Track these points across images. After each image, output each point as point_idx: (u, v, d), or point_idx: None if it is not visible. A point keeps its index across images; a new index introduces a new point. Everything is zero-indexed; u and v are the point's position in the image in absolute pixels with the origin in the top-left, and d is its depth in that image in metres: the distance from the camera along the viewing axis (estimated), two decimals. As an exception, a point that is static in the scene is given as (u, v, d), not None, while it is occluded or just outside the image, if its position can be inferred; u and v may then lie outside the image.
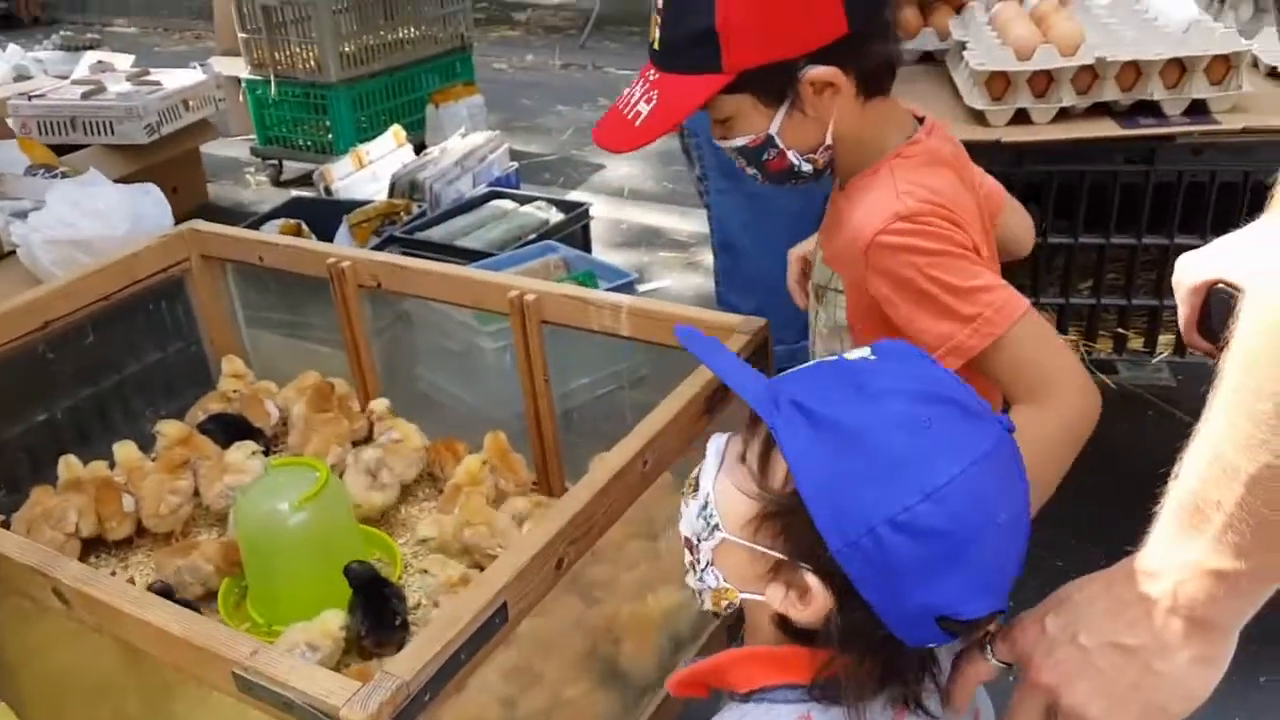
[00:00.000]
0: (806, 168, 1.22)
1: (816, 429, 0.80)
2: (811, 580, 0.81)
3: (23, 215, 2.12)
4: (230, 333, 2.15)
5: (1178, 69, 1.81)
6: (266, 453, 1.90)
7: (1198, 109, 1.82)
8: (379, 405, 1.90)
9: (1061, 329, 1.98)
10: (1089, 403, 1.14)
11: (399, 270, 1.84)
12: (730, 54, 1.12)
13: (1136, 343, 1.98)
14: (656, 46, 1.18)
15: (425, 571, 1.61)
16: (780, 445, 0.81)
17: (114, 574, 1.76)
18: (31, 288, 1.91)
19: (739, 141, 1.21)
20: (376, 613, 1.54)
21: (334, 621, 1.44)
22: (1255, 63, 2.00)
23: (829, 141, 1.20)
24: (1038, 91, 1.86)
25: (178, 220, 4.62)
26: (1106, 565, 0.88)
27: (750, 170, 1.25)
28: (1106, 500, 2.93)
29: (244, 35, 4.89)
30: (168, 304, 2.05)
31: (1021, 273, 1.99)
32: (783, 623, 0.85)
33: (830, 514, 0.78)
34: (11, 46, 5.70)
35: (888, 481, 0.77)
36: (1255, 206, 1.81)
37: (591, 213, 3.67)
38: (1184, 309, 0.98)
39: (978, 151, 1.84)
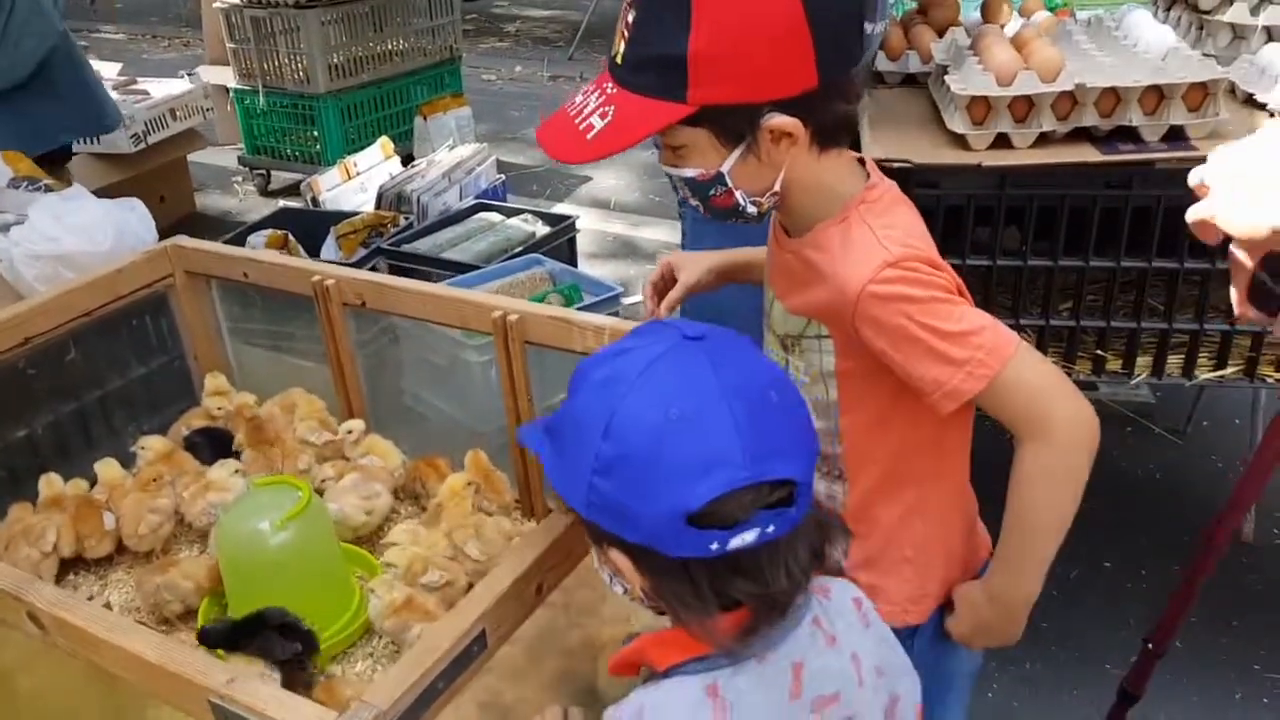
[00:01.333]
0: (751, 209, 1.22)
1: (549, 434, 0.98)
2: (613, 554, 0.95)
3: (5, 229, 2.12)
4: (215, 348, 2.15)
5: (1156, 95, 1.83)
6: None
7: (1176, 135, 1.83)
8: (355, 427, 1.90)
9: (1041, 350, 1.99)
10: (1085, 432, 1.16)
11: (384, 289, 1.84)
12: (696, 87, 1.10)
13: (1115, 364, 2.00)
14: (619, 61, 1.16)
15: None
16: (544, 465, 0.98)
17: (92, 595, 1.75)
18: (13, 303, 1.91)
19: (688, 173, 1.20)
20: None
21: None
22: (1233, 89, 2.03)
23: (777, 188, 1.20)
24: (1018, 116, 1.87)
25: (166, 229, 4.64)
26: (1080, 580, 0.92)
27: (693, 200, 1.24)
28: (1082, 515, 2.96)
29: (232, 45, 4.90)
30: (151, 320, 2.05)
31: (1002, 294, 2.01)
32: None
33: (567, 490, 0.94)
34: (-2, 53, 5.66)
35: (580, 441, 0.92)
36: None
37: (578, 225, 3.69)
38: (1240, 276, 0.96)
39: (958, 175, 1.87)
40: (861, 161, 1.27)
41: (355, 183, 4.28)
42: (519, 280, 3.09)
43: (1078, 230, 1.90)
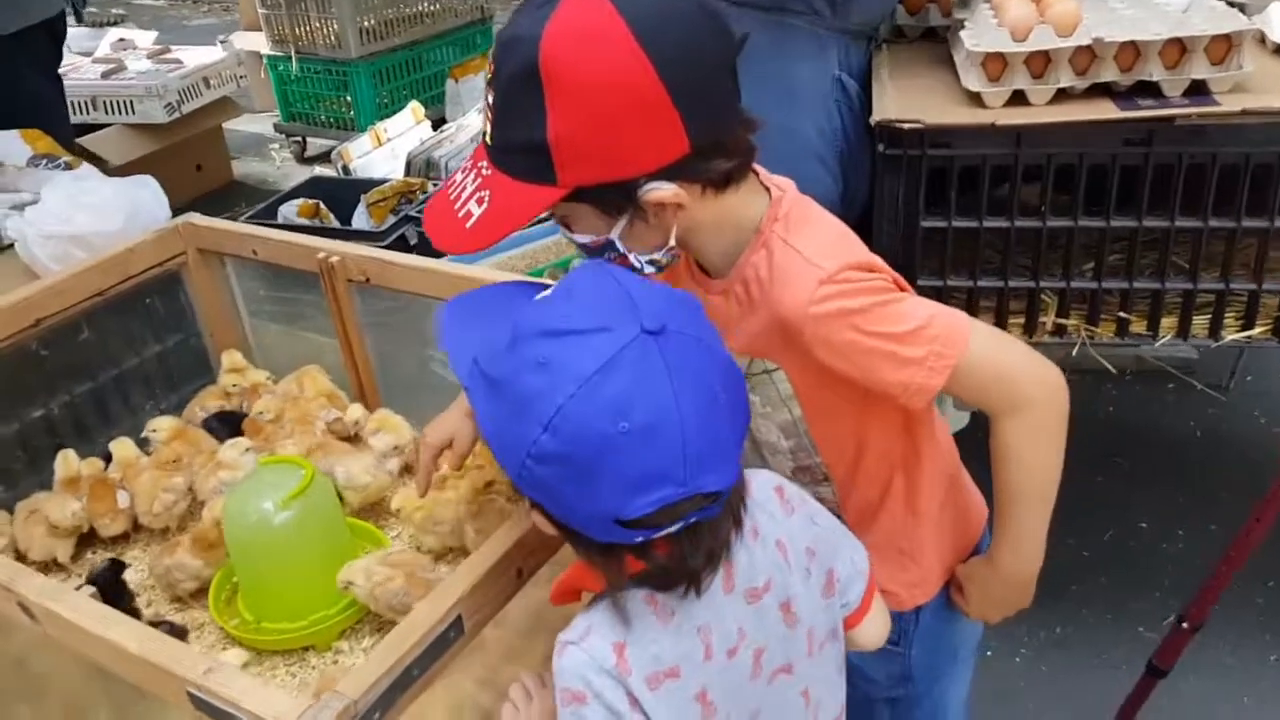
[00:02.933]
0: (649, 269, 1.18)
1: (489, 386, 0.94)
2: (535, 513, 0.98)
3: (21, 209, 2.14)
4: (231, 326, 2.16)
5: (1178, 49, 1.75)
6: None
7: (1198, 90, 1.76)
8: (358, 415, 1.90)
9: (1063, 313, 1.94)
10: (1056, 394, 1.16)
11: (386, 265, 1.83)
12: (564, 171, 1.06)
13: (1139, 326, 1.94)
14: (489, 142, 1.11)
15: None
16: (473, 407, 0.97)
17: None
18: (28, 283, 1.93)
19: (580, 239, 1.16)
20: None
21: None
22: (1262, 39, 1.94)
23: (672, 243, 1.16)
24: (1036, 72, 1.81)
25: (203, 198, 4.70)
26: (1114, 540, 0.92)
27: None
28: (1118, 473, 2.90)
29: (264, 11, 4.90)
30: (166, 298, 2.06)
31: (1022, 255, 1.95)
32: None
33: (501, 456, 0.93)
34: (37, 25, 5.72)
35: (520, 420, 0.89)
36: (1257, 188, 1.76)
37: (607, 188, 3.65)
38: None
39: (973, 135, 1.81)
40: (754, 172, 1.21)
41: (386, 149, 4.27)
42: (545, 245, 3.06)
43: (1098, 189, 1.84)
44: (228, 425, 1.96)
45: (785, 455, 1.32)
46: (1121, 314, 1.92)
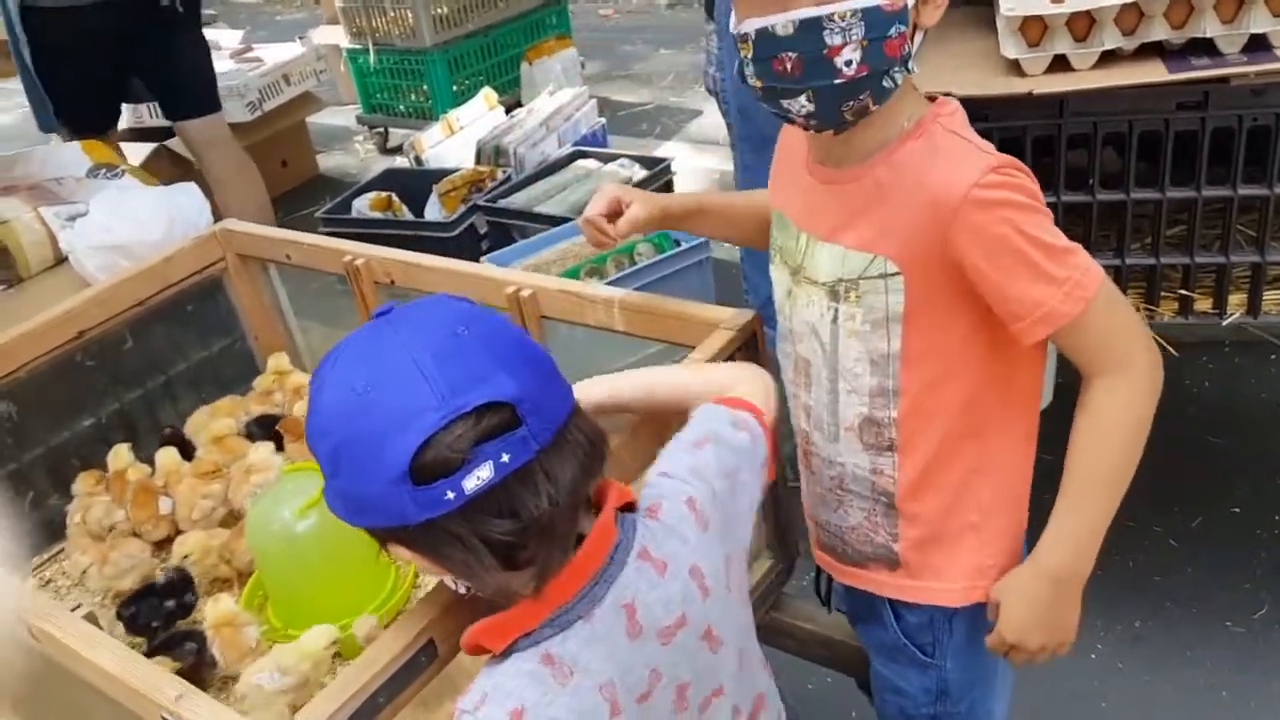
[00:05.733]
0: (897, 78, 1.07)
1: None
2: (395, 549, 0.95)
3: (73, 220, 2.20)
4: (276, 329, 2.18)
5: (1235, 1, 1.61)
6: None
7: (1258, 45, 1.62)
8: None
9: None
10: (1159, 376, 1.10)
11: (409, 267, 1.82)
12: None
13: (1204, 304, 1.81)
14: None
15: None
16: None
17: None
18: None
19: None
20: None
21: (316, 641, 1.44)
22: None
23: (911, 65, 1.09)
24: (1079, 35, 1.69)
25: (289, 194, 4.79)
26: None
27: (844, 55, 1.04)
28: (1208, 454, 2.73)
29: (341, 4, 4.95)
30: (209, 304, 2.10)
31: (1072, 230, 1.83)
32: None
33: (331, 506, 0.95)
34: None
35: (315, 455, 0.93)
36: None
37: (680, 165, 3.59)
38: None
39: (1012, 105, 1.70)
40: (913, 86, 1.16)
41: (459, 138, 4.28)
42: (576, 244, 2.98)
43: (1150, 158, 1.71)
44: (266, 429, 1.98)
45: (861, 397, 1.21)
46: (1184, 291, 1.79)
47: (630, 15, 6.56)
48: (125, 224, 2.03)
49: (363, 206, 3.80)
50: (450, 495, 0.86)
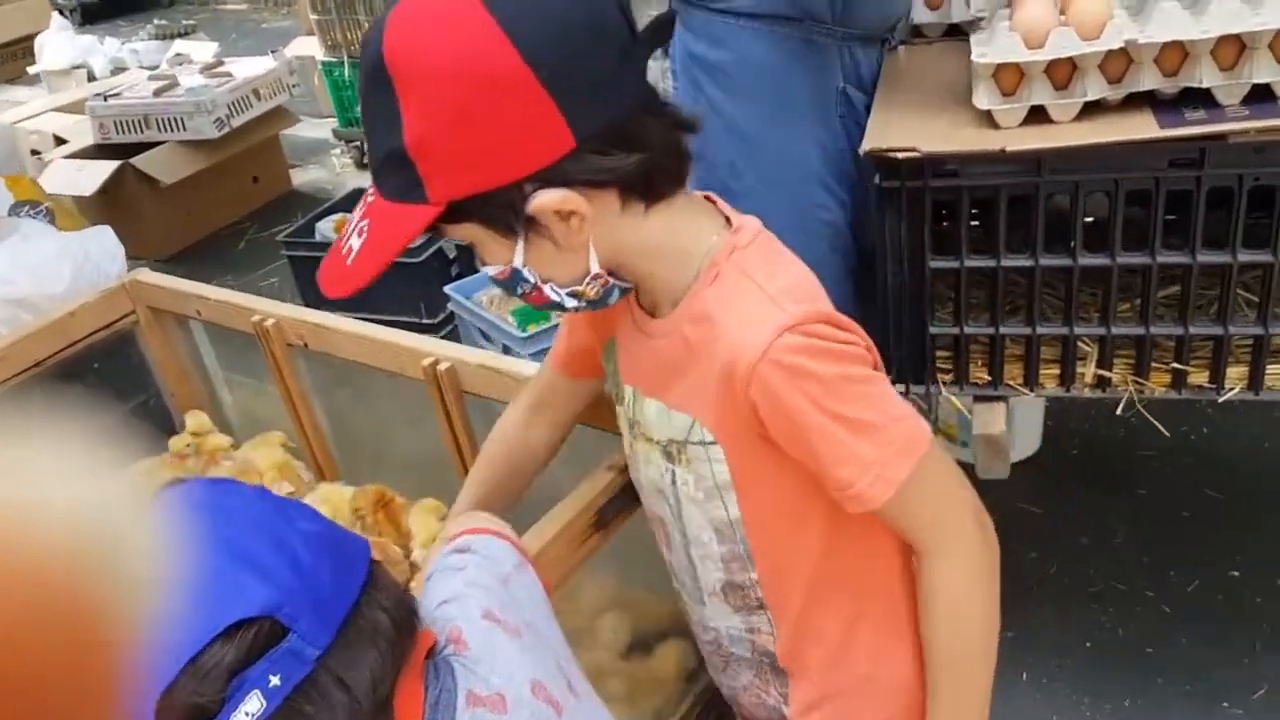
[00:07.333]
0: (572, 303, 0.97)
1: None
2: None
3: (-17, 269, 2.04)
4: (193, 385, 2.02)
5: (1235, 46, 1.44)
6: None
7: (1261, 96, 1.44)
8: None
9: (1105, 364, 1.65)
10: (991, 534, 1.01)
11: (322, 330, 1.66)
12: (432, 182, 0.87)
13: (1199, 377, 1.63)
14: (368, 163, 0.95)
15: None
16: None
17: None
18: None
19: (488, 271, 0.96)
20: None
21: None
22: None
23: (595, 269, 0.94)
24: (1059, 83, 1.51)
25: (260, 210, 4.63)
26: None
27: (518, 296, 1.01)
28: (1210, 512, 2.56)
29: (315, 17, 4.81)
30: (120, 360, 1.94)
31: (1054, 296, 1.66)
32: None
33: None
34: (109, 40, 5.77)
35: None
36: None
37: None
38: None
39: (985, 161, 1.53)
40: (712, 201, 1.02)
41: (430, 156, 4.12)
42: None
43: (1140, 218, 1.54)
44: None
45: (715, 563, 1.09)
46: (1177, 365, 1.61)
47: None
48: (26, 275, 1.87)
49: (327, 229, 3.65)
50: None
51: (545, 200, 0.88)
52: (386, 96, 0.86)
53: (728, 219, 1.01)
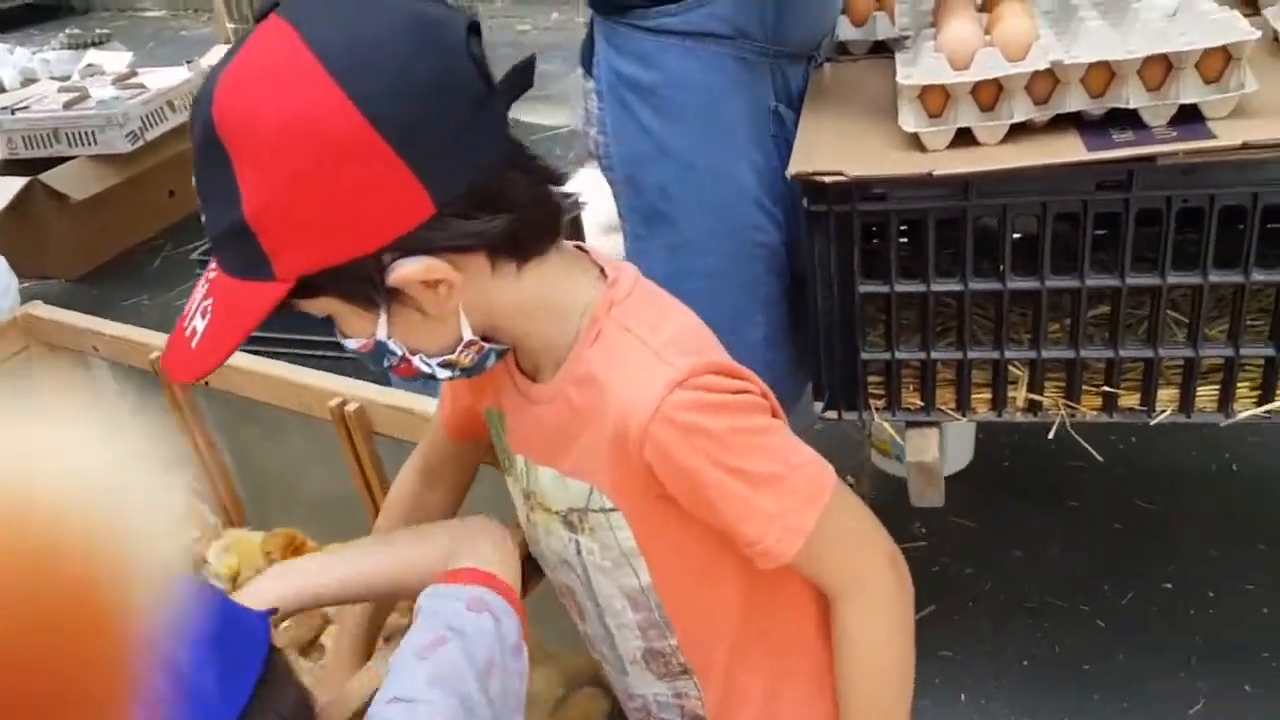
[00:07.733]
0: (444, 373, 0.91)
1: None
2: None
3: None
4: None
5: (1162, 67, 1.41)
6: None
7: (1188, 116, 1.42)
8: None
9: (1035, 388, 1.62)
10: (905, 574, 0.97)
11: (224, 369, 1.56)
12: (279, 257, 0.80)
13: (1131, 400, 1.61)
14: (206, 235, 0.87)
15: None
16: None
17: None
18: None
19: (349, 344, 0.89)
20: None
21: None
22: (1275, 37, 1.58)
23: (468, 337, 0.88)
24: (985, 104, 1.48)
25: (178, 225, 4.48)
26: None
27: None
28: (1143, 522, 2.56)
29: (233, 25, 4.69)
30: (12, 400, 1.82)
31: (984, 320, 1.63)
32: None
33: None
34: (19, 50, 5.55)
35: None
36: (1270, 235, 1.41)
37: (586, 199, 3.36)
38: None
39: (912, 184, 1.49)
40: (584, 250, 0.96)
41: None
42: None
43: (1068, 242, 1.51)
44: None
45: (633, 631, 1.04)
46: (1107, 387, 1.59)
47: (548, 31, 6.31)
48: (-95, 311, 1.75)
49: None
50: None
51: (408, 271, 0.81)
52: (220, 163, 0.78)
53: (602, 270, 0.95)
